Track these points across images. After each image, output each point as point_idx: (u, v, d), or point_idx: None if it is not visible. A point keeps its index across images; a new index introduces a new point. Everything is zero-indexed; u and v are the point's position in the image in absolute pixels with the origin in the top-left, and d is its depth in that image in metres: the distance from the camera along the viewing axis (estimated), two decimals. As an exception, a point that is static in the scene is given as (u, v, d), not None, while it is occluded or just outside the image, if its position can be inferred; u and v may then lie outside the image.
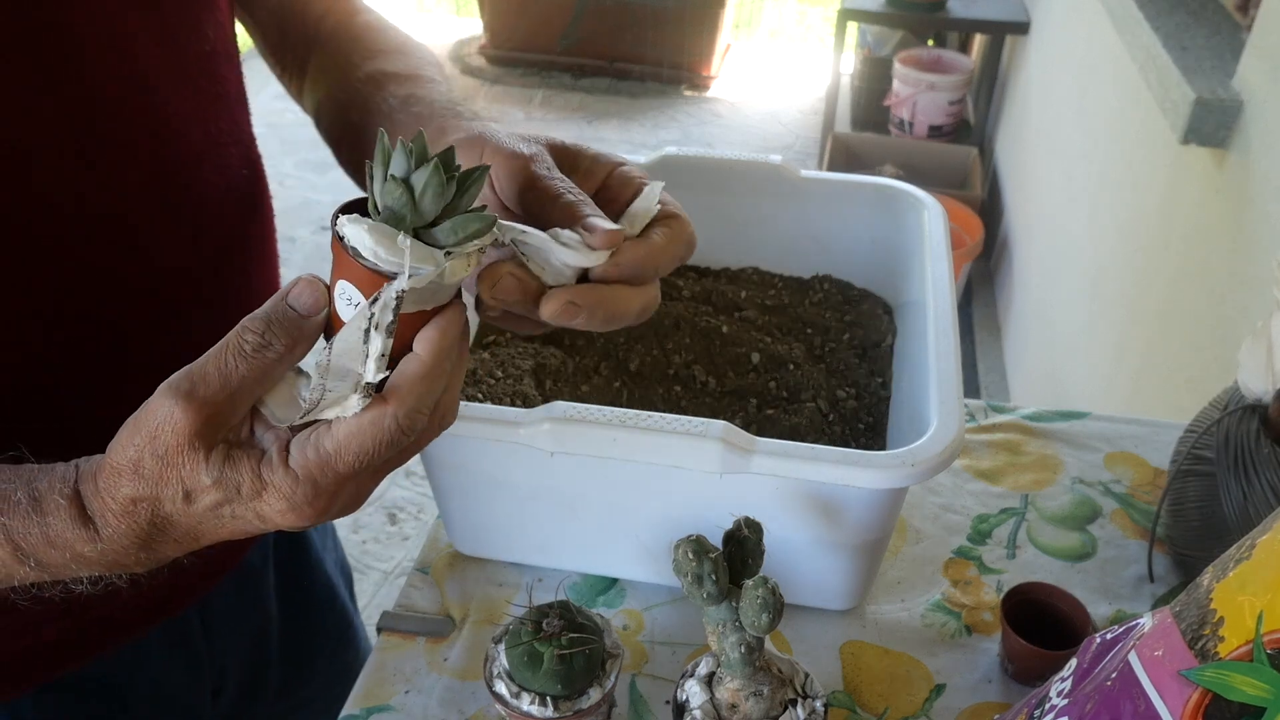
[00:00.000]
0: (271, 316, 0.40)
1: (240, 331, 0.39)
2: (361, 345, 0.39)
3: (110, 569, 0.44)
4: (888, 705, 0.70)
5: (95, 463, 0.42)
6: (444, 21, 4.67)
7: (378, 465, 0.41)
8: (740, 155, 0.93)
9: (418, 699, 0.70)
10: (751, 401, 0.80)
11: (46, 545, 0.42)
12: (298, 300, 0.40)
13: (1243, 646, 0.41)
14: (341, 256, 0.40)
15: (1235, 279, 1.14)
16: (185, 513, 0.41)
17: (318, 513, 0.41)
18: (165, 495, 0.40)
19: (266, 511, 0.41)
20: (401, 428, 0.40)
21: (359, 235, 0.39)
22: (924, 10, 2.82)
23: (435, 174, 0.39)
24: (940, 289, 0.76)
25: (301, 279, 0.41)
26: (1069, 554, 0.82)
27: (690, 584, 0.56)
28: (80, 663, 0.65)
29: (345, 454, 0.40)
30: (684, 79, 3.90)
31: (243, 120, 0.63)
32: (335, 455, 0.40)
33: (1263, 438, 0.71)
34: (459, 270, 0.40)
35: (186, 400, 0.39)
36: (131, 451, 0.40)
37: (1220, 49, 1.31)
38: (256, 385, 0.40)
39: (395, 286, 0.39)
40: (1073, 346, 1.81)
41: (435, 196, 0.39)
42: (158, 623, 0.68)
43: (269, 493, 0.40)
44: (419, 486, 2.14)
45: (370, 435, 0.40)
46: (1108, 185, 1.71)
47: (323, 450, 0.40)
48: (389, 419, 0.40)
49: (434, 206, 0.40)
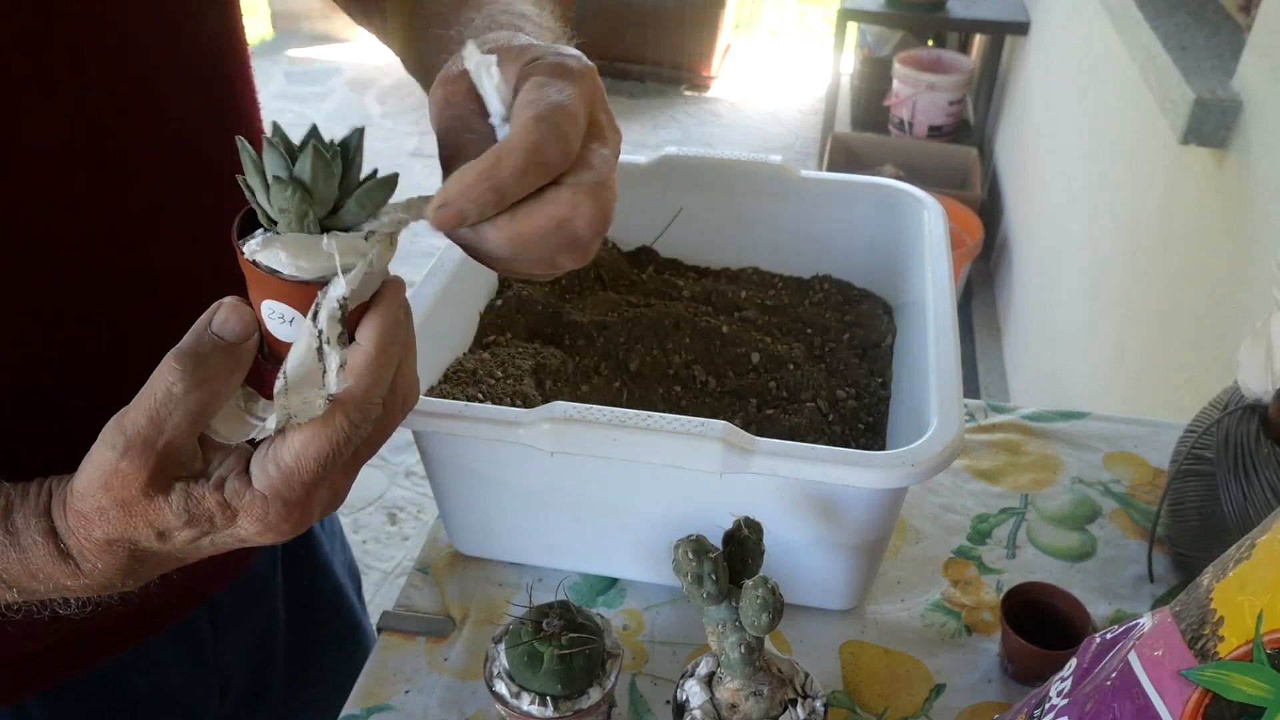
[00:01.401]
0: (199, 351, 0.38)
1: (167, 374, 0.37)
2: (317, 363, 0.38)
3: (99, 593, 0.44)
4: (888, 705, 0.70)
5: (65, 490, 0.41)
6: (444, 21, 4.66)
7: (345, 462, 0.40)
8: (740, 155, 0.93)
9: (418, 699, 0.70)
10: (751, 401, 0.80)
11: (29, 578, 0.42)
12: (225, 329, 0.39)
13: (1242, 646, 0.41)
14: (258, 277, 0.38)
15: (1235, 279, 1.14)
16: (163, 548, 0.41)
17: (295, 524, 0.41)
18: (139, 536, 0.40)
19: (244, 534, 0.40)
20: (354, 423, 0.39)
21: (273, 256, 0.37)
22: (924, 10, 2.82)
23: (316, 156, 0.36)
24: (940, 289, 0.76)
25: (223, 304, 0.39)
26: (1069, 554, 0.82)
27: (690, 584, 0.56)
28: (88, 666, 0.65)
29: (305, 462, 0.39)
30: (684, 79, 3.90)
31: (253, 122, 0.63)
32: (297, 466, 0.39)
33: (1263, 438, 0.71)
34: (385, 253, 0.39)
35: (126, 454, 0.38)
36: (92, 501, 0.39)
37: (1220, 49, 1.31)
38: (197, 422, 0.38)
39: (333, 295, 0.37)
40: (1073, 346, 1.82)
41: (326, 177, 0.37)
42: (166, 626, 0.68)
43: (242, 518, 0.40)
44: (419, 486, 2.14)
45: (326, 438, 0.39)
46: (1108, 185, 1.71)
47: (283, 464, 0.39)
48: (339, 417, 0.39)
49: (329, 188, 0.37)
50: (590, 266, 0.93)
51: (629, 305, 0.88)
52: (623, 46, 3.83)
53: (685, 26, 3.75)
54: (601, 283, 0.93)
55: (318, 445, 0.39)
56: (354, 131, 0.39)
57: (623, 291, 0.92)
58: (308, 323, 0.38)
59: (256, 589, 0.76)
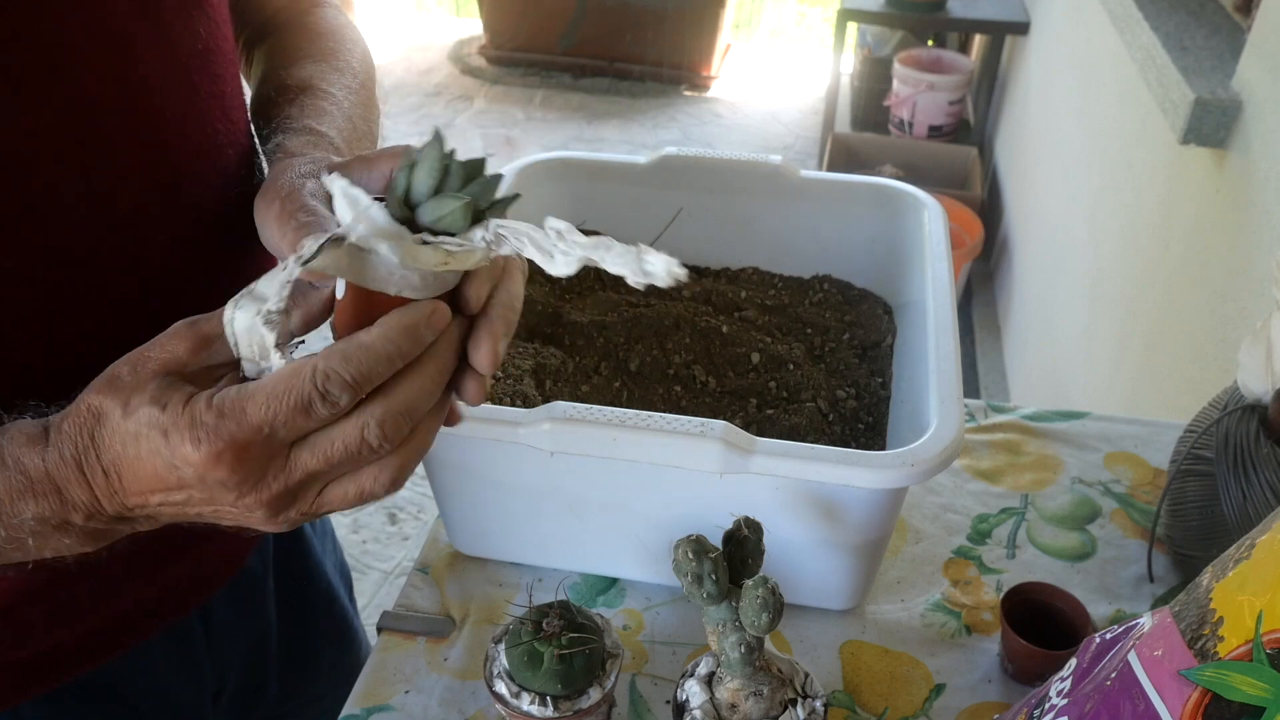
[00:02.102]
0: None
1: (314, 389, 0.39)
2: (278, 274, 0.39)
3: (51, 508, 0.42)
4: (887, 705, 0.70)
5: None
6: (444, 21, 4.66)
7: (299, 434, 0.40)
8: (740, 155, 0.93)
9: (418, 699, 0.70)
10: (751, 401, 0.80)
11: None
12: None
13: (1242, 646, 0.41)
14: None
15: (1235, 279, 1.14)
16: (120, 428, 0.40)
17: (231, 467, 0.39)
18: (109, 408, 0.40)
19: (184, 454, 0.39)
20: (319, 389, 0.38)
21: (339, 203, 0.39)
22: (924, 10, 2.82)
23: (433, 147, 0.38)
24: (940, 289, 0.76)
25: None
26: (1069, 554, 0.82)
27: (690, 584, 0.56)
28: (81, 670, 0.65)
29: (257, 396, 0.38)
30: (684, 79, 3.90)
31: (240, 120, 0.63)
32: (247, 396, 0.38)
33: (1262, 438, 0.71)
34: (425, 259, 0.39)
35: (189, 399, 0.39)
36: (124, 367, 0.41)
37: (1220, 49, 1.31)
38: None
39: (289, 267, 0.38)
40: (1073, 346, 1.82)
41: (429, 171, 0.38)
42: (159, 628, 0.68)
43: (189, 429, 0.39)
44: (419, 486, 2.14)
45: (284, 383, 0.38)
46: (1107, 185, 1.71)
47: (242, 391, 0.39)
48: (307, 368, 0.38)
49: (427, 181, 0.39)
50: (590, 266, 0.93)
51: (629, 305, 0.88)
52: (623, 46, 3.83)
53: (685, 26, 3.75)
54: (601, 283, 0.93)
55: (272, 385, 0.38)
56: (483, 163, 0.40)
57: (622, 291, 0.92)
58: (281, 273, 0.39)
59: (249, 591, 0.76)
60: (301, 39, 0.68)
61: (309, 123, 0.57)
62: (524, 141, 3.58)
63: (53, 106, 0.50)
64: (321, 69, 0.64)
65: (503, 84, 3.96)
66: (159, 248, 0.57)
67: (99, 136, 0.52)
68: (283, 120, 0.58)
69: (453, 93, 3.92)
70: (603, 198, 0.96)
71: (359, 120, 0.61)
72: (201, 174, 0.59)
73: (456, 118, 3.73)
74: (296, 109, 0.59)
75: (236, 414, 0.39)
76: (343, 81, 0.64)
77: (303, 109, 0.59)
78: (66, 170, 0.51)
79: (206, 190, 0.59)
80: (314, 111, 0.59)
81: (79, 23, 0.50)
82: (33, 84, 0.49)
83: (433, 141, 0.39)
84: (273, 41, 0.68)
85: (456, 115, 3.75)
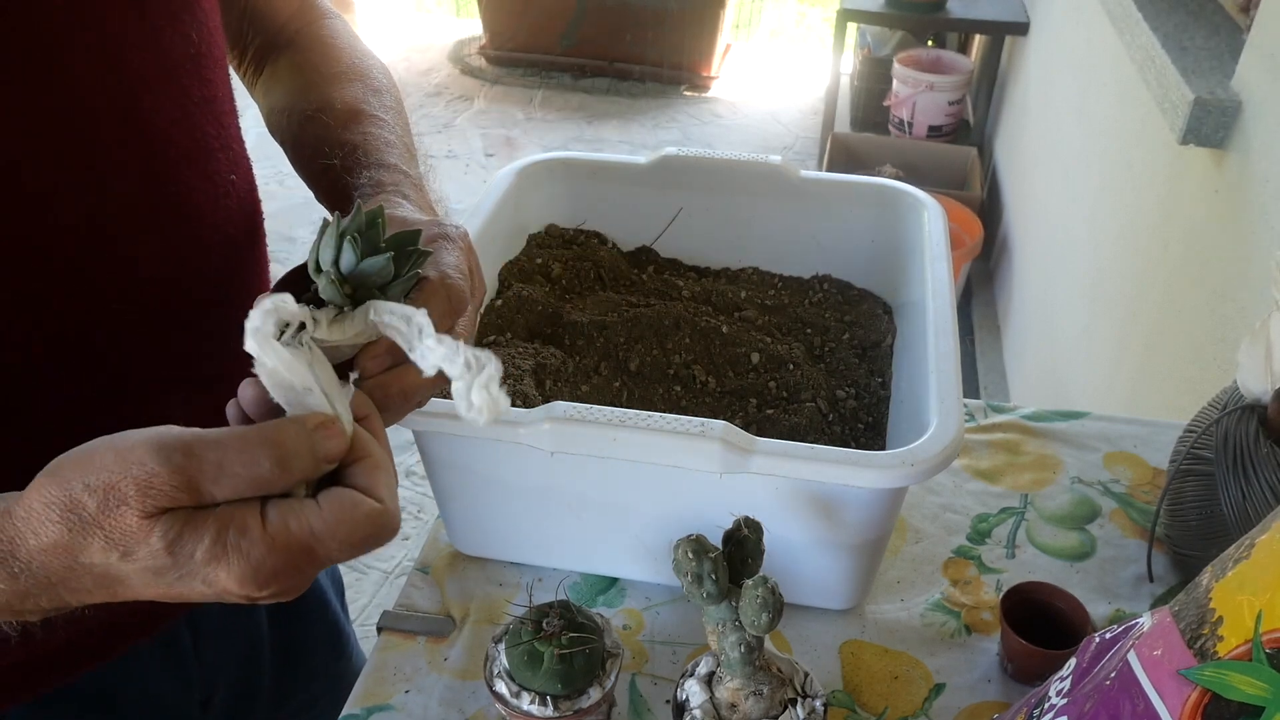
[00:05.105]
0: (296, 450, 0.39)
1: (259, 452, 0.38)
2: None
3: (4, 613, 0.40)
4: (887, 705, 0.70)
5: (11, 498, 0.39)
6: (444, 21, 4.66)
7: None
8: (740, 155, 0.93)
9: (418, 699, 0.71)
10: (751, 401, 0.80)
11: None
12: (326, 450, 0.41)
13: (1242, 646, 0.41)
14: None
15: (1235, 279, 1.14)
16: (116, 569, 0.38)
17: (275, 592, 0.39)
18: (92, 547, 0.37)
19: (218, 578, 0.38)
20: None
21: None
22: (924, 10, 2.82)
23: (354, 219, 0.43)
24: (940, 289, 0.76)
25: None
26: (1068, 553, 0.82)
27: (690, 584, 0.56)
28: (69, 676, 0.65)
29: (334, 536, 0.39)
30: (684, 79, 3.90)
31: (230, 124, 0.63)
32: (325, 535, 0.38)
33: (1261, 438, 0.71)
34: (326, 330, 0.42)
35: (167, 460, 0.37)
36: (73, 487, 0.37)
37: (1219, 49, 1.31)
38: (249, 494, 0.39)
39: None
40: (1073, 346, 1.82)
41: (351, 243, 0.43)
42: (147, 634, 0.68)
43: (233, 557, 0.37)
44: (419, 486, 2.14)
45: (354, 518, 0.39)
46: (1107, 185, 1.71)
47: (314, 527, 0.38)
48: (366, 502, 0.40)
49: (351, 254, 0.43)
50: (590, 266, 0.93)
51: (629, 305, 0.88)
52: (623, 47, 3.83)
53: (685, 26, 3.75)
54: (601, 283, 0.93)
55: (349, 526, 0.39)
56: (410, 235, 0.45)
57: (623, 291, 0.92)
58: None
59: None
60: (327, 54, 0.70)
61: (382, 157, 0.60)
62: (524, 141, 3.58)
63: (44, 108, 0.50)
64: (360, 90, 0.67)
65: (503, 84, 3.96)
66: (150, 248, 0.57)
67: (90, 138, 0.52)
68: (352, 150, 0.61)
69: (453, 93, 3.92)
70: (603, 198, 0.97)
71: (411, 144, 0.65)
72: (191, 176, 0.59)
73: (456, 118, 3.73)
74: (359, 136, 0.62)
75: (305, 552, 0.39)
76: (383, 103, 0.67)
77: (366, 138, 0.62)
78: (58, 172, 0.51)
79: (197, 192, 0.60)
80: (381, 144, 0.62)
81: (71, 26, 0.50)
82: (24, 86, 0.49)
83: (356, 214, 0.43)
84: (294, 56, 0.70)
85: (456, 115, 3.75)
